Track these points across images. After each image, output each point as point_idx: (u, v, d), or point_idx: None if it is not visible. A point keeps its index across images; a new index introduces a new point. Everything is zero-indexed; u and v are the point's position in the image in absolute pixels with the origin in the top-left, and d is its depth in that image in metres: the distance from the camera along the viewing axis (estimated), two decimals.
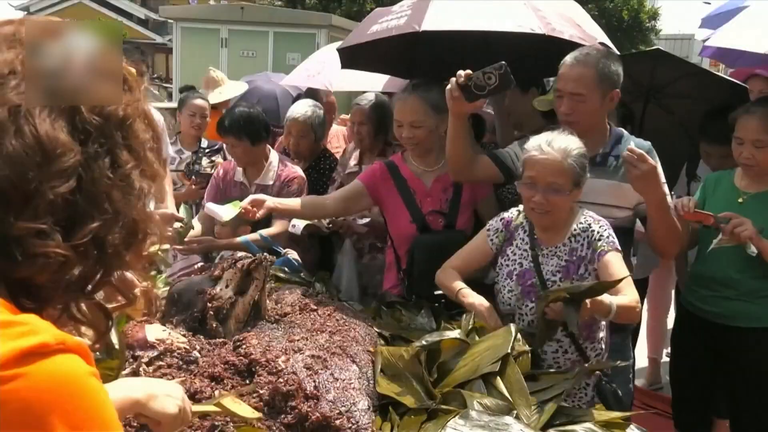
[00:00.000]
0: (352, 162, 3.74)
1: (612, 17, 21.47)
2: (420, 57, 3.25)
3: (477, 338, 2.01)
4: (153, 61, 20.21)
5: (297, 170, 3.50)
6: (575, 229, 2.23)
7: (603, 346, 2.29)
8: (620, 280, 2.00)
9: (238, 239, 3.00)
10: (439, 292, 2.46)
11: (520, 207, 2.34)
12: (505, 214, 2.38)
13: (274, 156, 3.51)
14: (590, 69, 2.38)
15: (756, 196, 2.69)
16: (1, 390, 0.57)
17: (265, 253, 2.14)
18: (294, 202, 2.87)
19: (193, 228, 2.99)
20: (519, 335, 1.97)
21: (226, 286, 2.00)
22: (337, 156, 4.15)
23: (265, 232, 3.06)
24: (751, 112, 2.66)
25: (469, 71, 2.28)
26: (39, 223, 0.67)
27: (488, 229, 2.37)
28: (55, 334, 0.63)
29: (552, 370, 2.02)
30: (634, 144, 2.45)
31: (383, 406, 1.76)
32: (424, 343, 1.92)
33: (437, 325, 2.21)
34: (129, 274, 0.81)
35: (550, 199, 2.15)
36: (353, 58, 3.26)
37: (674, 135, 3.80)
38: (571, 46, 2.81)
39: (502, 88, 2.29)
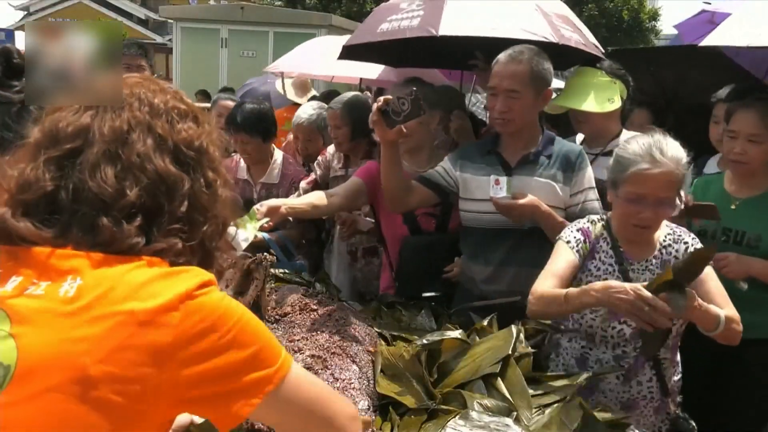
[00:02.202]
0: (337, 165, 3.61)
1: (612, 17, 21.43)
2: (415, 48, 3.23)
3: (478, 339, 2.01)
4: (153, 61, 20.18)
5: (302, 170, 3.56)
6: (665, 240, 2.05)
7: (681, 369, 2.15)
8: (711, 252, 1.73)
9: (260, 236, 2.94)
10: (429, 294, 2.44)
11: (596, 217, 2.15)
12: (580, 225, 2.12)
13: (278, 154, 3.51)
14: (524, 66, 2.38)
15: (748, 202, 2.55)
16: (197, 302, 0.93)
17: (265, 254, 2.14)
18: (304, 205, 2.78)
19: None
20: (522, 336, 1.96)
21: (226, 286, 2.00)
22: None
23: (283, 233, 3.04)
24: (749, 105, 2.53)
25: (388, 96, 2.27)
26: (170, 227, 0.99)
27: (568, 241, 2.08)
28: (210, 275, 0.99)
29: (553, 374, 2.01)
30: (564, 147, 2.48)
31: (383, 406, 1.76)
32: (424, 342, 1.92)
33: (437, 325, 2.21)
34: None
35: (660, 213, 1.94)
36: (350, 49, 3.22)
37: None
38: (572, 52, 2.81)
39: (414, 114, 2.25)
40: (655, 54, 4.36)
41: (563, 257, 2.05)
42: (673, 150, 1.91)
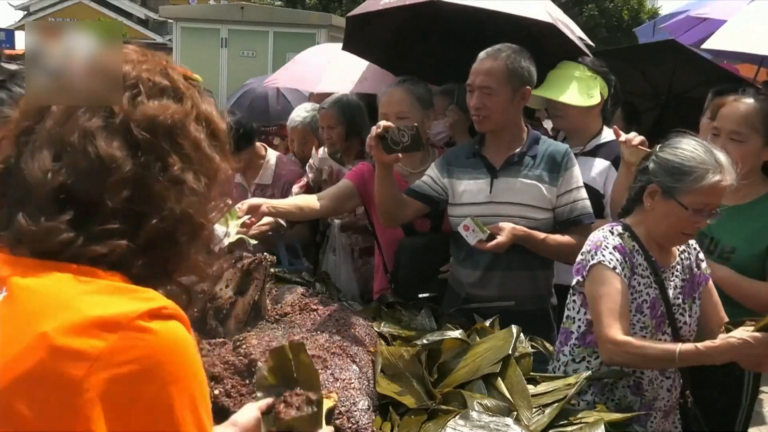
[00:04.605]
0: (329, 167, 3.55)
1: (612, 17, 21.45)
2: (412, 52, 3.23)
3: (478, 339, 2.01)
4: None
5: (299, 170, 3.53)
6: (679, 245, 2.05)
7: None
8: None
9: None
10: (425, 294, 2.43)
11: (617, 227, 2.02)
12: (613, 242, 1.97)
13: (271, 155, 3.50)
14: (499, 63, 2.37)
15: (734, 210, 2.28)
16: (135, 336, 0.74)
17: (265, 253, 2.14)
18: (287, 205, 2.71)
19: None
20: (522, 336, 1.96)
21: (226, 286, 2.00)
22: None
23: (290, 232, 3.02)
24: (738, 100, 2.38)
25: (389, 123, 2.26)
26: (109, 224, 0.81)
27: (614, 267, 1.92)
28: (168, 302, 0.80)
29: (553, 374, 2.01)
30: (550, 146, 2.45)
31: (383, 406, 1.76)
32: (425, 342, 1.92)
33: (438, 325, 2.21)
34: None
35: (711, 222, 1.94)
36: (352, 38, 3.18)
37: None
38: (558, 45, 2.80)
39: (413, 147, 2.24)
40: (636, 52, 4.31)
41: (617, 290, 1.90)
42: (726, 158, 1.89)
